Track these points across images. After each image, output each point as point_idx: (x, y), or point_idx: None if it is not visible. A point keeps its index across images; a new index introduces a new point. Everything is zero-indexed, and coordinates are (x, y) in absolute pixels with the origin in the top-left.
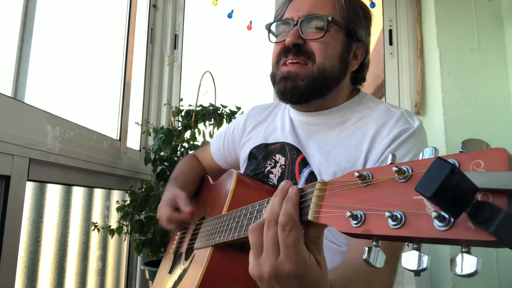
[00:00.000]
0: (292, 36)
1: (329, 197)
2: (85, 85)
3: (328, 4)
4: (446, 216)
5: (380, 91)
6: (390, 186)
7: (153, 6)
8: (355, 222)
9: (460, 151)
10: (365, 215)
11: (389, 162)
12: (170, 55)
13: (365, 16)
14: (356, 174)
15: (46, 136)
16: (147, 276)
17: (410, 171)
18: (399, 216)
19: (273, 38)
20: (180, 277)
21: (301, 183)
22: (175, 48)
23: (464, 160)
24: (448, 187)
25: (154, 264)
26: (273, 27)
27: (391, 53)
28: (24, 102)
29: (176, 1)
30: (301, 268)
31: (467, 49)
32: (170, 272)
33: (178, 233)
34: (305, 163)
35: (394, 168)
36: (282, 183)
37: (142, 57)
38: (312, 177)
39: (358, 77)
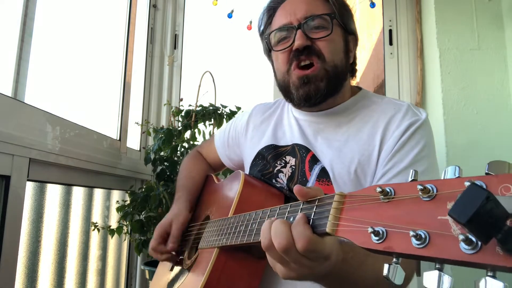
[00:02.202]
0: (301, 38)
1: (348, 210)
2: (85, 85)
3: (321, 3)
4: (474, 239)
5: (380, 91)
6: (413, 204)
7: (153, 6)
8: (377, 238)
9: (486, 173)
10: (387, 232)
11: (410, 178)
12: (170, 55)
13: (350, 10)
14: (379, 189)
15: (46, 136)
16: (147, 276)
17: (434, 190)
18: (423, 236)
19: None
20: (183, 275)
21: (312, 180)
22: (175, 48)
23: (492, 183)
24: (482, 213)
25: (154, 264)
26: (268, 37)
27: (391, 53)
28: (24, 102)
29: (176, 1)
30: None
31: (467, 49)
32: (172, 269)
33: None
34: (315, 160)
35: (419, 187)
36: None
37: (142, 57)
38: (323, 173)
39: (353, 68)
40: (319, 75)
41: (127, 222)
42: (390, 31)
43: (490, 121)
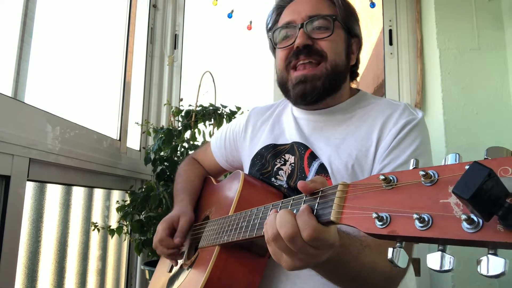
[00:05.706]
0: (302, 37)
1: (351, 199)
2: (85, 85)
3: (326, 5)
4: (475, 219)
5: (380, 91)
6: (416, 189)
7: (153, 6)
8: (381, 223)
9: (485, 158)
10: (390, 217)
11: (411, 166)
12: (170, 55)
13: (356, 14)
14: (382, 177)
15: (46, 136)
16: (147, 276)
17: (436, 175)
18: (426, 218)
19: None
20: (183, 275)
21: (311, 176)
22: (175, 48)
23: (491, 166)
24: (484, 190)
25: (154, 264)
26: (272, 34)
27: (391, 53)
28: (24, 102)
29: (176, 1)
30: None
31: (467, 49)
32: (170, 271)
33: None
34: (313, 157)
35: (421, 172)
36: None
37: (142, 57)
38: (322, 168)
39: (354, 71)
40: (317, 75)
41: (127, 222)
42: (390, 31)
43: (490, 121)
